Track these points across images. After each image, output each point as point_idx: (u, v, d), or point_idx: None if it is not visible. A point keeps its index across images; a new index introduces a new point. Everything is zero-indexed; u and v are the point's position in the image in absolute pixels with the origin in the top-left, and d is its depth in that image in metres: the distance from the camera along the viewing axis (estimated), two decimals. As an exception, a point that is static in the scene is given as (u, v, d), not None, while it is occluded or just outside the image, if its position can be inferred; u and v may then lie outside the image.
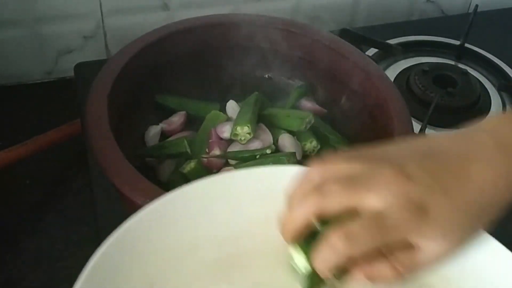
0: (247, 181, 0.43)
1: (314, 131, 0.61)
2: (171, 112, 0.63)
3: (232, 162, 0.58)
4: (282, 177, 0.41)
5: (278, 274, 0.40)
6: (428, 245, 0.38)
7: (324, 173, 0.39)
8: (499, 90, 0.79)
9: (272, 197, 0.41)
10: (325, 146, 0.60)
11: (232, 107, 0.63)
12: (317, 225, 0.38)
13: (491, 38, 0.87)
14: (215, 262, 0.40)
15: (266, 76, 0.67)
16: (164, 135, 0.62)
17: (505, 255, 0.39)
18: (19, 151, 0.67)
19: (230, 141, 0.59)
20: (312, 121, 0.61)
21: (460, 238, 0.39)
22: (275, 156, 0.56)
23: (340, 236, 0.36)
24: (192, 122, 0.63)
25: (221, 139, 0.59)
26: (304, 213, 0.38)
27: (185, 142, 0.58)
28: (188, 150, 0.57)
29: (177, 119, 0.62)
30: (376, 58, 0.79)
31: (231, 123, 0.60)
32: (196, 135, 0.61)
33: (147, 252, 0.39)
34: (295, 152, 0.57)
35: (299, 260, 0.39)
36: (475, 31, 0.83)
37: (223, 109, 0.63)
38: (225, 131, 0.59)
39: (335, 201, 0.37)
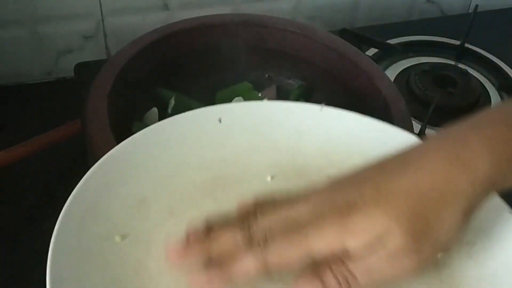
0: (237, 112, 0.47)
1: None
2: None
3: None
4: (270, 110, 0.47)
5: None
6: (352, 245, 0.33)
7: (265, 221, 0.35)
8: (499, 90, 0.79)
9: (257, 128, 0.46)
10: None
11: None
12: None
13: (491, 38, 0.87)
14: (202, 182, 0.44)
15: (266, 76, 0.67)
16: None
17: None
18: (19, 151, 0.67)
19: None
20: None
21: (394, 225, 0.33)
22: None
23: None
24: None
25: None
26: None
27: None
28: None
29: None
30: (376, 58, 0.79)
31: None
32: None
33: (140, 170, 0.43)
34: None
35: None
36: (475, 31, 0.83)
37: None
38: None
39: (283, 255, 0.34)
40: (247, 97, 0.62)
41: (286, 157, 0.46)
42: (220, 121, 0.46)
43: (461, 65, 0.81)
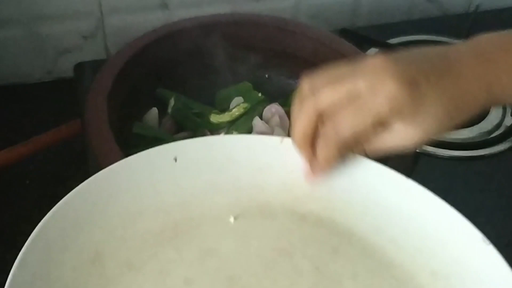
0: (193, 150, 0.44)
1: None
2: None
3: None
4: (227, 145, 0.44)
5: (225, 240, 0.41)
6: (401, 128, 0.39)
7: (314, 80, 0.42)
8: (500, 90, 0.79)
9: (215, 166, 0.43)
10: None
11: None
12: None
13: (492, 37, 0.87)
14: (162, 229, 0.41)
15: (266, 76, 0.67)
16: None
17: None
18: (19, 151, 0.67)
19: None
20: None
21: (434, 130, 0.40)
22: None
23: (331, 128, 0.40)
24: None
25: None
26: (306, 116, 0.41)
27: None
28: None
29: (171, 120, 0.62)
30: (376, 58, 0.79)
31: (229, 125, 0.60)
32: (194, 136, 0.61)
33: (92, 221, 0.39)
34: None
35: None
36: (476, 31, 0.82)
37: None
38: (222, 133, 0.59)
39: (328, 94, 0.40)
40: (247, 97, 0.62)
41: (248, 195, 0.43)
42: (175, 160, 0.43)
43: (461, 65, 0.81)
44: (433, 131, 0.40)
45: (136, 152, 0.57)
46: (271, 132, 0.58)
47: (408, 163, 0.52)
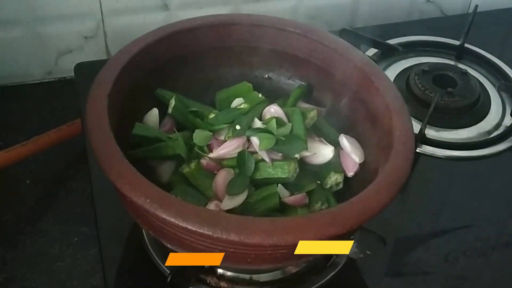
0: None
1: (316, 130, 0.61)
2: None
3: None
4: None
5: None
6: None
7: None
8: (499, 90, 0.79)
9: None
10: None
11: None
12: None
13: (491, 38, 0.87)
14: None
15: (266, 76, 0.67)
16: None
17: None
18: (19, 151, 0.67)
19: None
20: (316, 118, 0.61)
21: None
22: (275, 163, 0.56)
23: None
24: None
25: (217, 139, 0.59)
26: None
27: (182, 143, 0.57)
28: (185, 151, 0.57)
29: (172, 120, 0.62)
30: (376, 58, 0.79)
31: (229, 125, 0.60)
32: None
33: None
34: (297, 158, 0.57)
35: None
36: (475, 31, 0.83)
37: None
38: (222, 134, 0.59)
39: None
40: (247, 98, 0.62)
41: None
42: None
43: (460, 65, 0.81)
44: None
45: (136, 153, 0.57)
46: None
47: (408, 163, 0.52)
